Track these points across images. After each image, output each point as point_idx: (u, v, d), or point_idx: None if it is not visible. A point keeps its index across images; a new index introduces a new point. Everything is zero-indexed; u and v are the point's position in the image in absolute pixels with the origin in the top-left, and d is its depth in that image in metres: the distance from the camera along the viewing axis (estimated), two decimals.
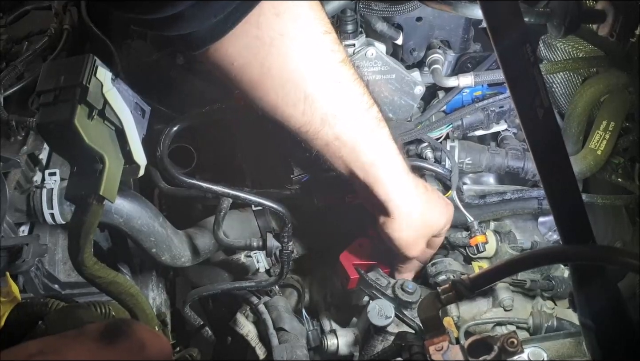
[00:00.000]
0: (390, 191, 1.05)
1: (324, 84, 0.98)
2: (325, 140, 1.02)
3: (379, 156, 1.04)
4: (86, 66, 0.75)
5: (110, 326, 0.50)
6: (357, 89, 1.01)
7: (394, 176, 1.05)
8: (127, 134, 0.78)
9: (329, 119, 1.00)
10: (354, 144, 1.02)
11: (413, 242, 1.11)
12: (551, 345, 1.05)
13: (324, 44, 0.97)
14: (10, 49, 1.42)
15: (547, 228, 1.36)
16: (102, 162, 0.75)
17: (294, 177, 1.19)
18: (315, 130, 1.01)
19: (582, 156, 1.21)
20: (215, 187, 1.12)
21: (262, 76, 0.96)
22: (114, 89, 0.77)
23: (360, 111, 1.02)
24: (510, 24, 0.74)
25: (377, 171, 1.04)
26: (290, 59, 0.95)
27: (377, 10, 1.25)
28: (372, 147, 1.03)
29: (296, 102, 0.98)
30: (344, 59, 0.99)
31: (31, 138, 1.21)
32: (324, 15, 0.98)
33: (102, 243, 1.31)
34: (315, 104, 0.98)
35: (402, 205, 1.06)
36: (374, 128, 1.03)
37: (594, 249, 0.77)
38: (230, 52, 0.93)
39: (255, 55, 0.94)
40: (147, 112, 0.83)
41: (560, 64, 1.25)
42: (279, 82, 0.97)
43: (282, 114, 1.00)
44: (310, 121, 1.00)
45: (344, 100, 1.00)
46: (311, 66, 0.97)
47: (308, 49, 0.96)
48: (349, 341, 1.16)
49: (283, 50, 0.94)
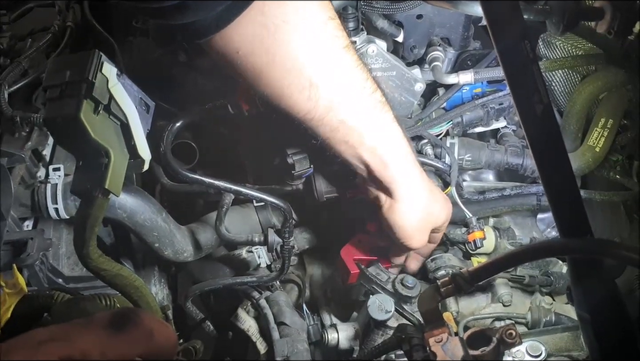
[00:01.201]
0: (396, 173, 1.06)
1: (328, 69, 0.99)
2: (330, 126, 1.02)
3: (385, 138, 1.05)
4: (92, 62, 0.76)
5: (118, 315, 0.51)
6: (360, 74, 1.02)
7: (400, 158, 1.06)
8: (132, 129, 0.79)
9: (334, 105, 1.00)
10: (359, 128, 1.03)
11: (416, 230, 1.11)
12: (549, 339, 1.06)
13: (328, 30, 0.98)
14: (14, 46, 1.43)
15: (545, 225, 1.37)
16: (108, 157, 0.75)
17: (295, 173, 1.20)
18: (321, 116, 1.01)
19: (580, 152, 1.22)
20: (218, 182, 1.13)
21: (267, 64, 0.96)
22: (119, 85, 0.78)
23: (364, 95, 1.02)
24: (510, 22, 0.74)
25: (383, 153, 1.05)
26: (294, 46, 0.96)
27: (378, 8, 1.26)
28: (378, 130, 1.04)
29: (301, 89, 0.98)
30: (347, 45, 1.00)
31: (35, 134, 1.22)
32: (327, 2, 0.98)
33: (105, 238, 1.32)
34: (319, 89, 0.99)
35: (408, 188, 1.07)
36: (379, 112, 1.04)
37: (594, 243, 0.78)
38: (235, 40, 0.94)
39: (260, 43, 0.94)
40: (151, 107, 0.84)
41: (559, 62, 1.26)
42: (284, 69, 0.97)
43: (288, 102, 1.01)
44: (316, 106, 1.00)
45: (348, 85, 1.01)
46: (315, 52, 0.98)
47: (312, 36, 0.97)
48: (350, 335, 1.17)
49: (287, 37, 0.95)
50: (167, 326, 0.54)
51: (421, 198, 1.09)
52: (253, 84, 1.01)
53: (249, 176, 1.34)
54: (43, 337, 0.49)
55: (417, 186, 1.08)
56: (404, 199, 1.07)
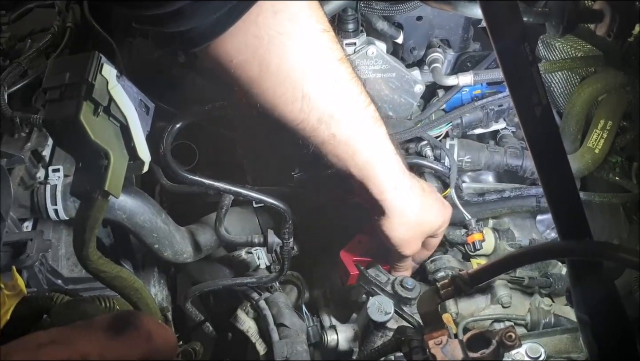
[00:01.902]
0: (385, 190, 1.06)
1: (321, 81, 0.99)
2: (321, 138, 1.02)
3: (375, 155, 1.05)
4: (92, 63, 0.76)
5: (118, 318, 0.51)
6: (354, 87, 1.01)
7: (389, 175, 1.06)
8: (131, 131, 0.79)
9: (326, 117, 1.00)
10: (350, 142, 1.03)
11: (407, 241, 1.12)
12: (549, 341, 1.06)
13: (322, 42, 0.97)
14: (14, 47, 1.43)
15: (545, 226, 1.37)
16: (107, 158, 0.75)
17: (294, 174, 1.20)
18: (312, 128, 1.01)
19: (580, 154, 1.22)
20: (217, 183, 1.13)
21: (261, 74, 0.96)
22: (119, 86, 0.78)
23: (357, 109, 1.02)
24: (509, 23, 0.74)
25: (372, 170, 1.05)
26: (288, 57, 0.96)
27: (378, 10, 1.26)
28: (368, 146, 1.04)
29: (294, 100, 0.98)
30: (342, 58, 1.00)
31: (35, 135, 1.21)
32: (322, 13, 0.98)
33: (104, 239, 1.32)
34: (312, 102, 0.99)
35: (396, 204, 1.07)
36: (371, 127, 1.04)
37: (593, 245, 0.78)
38: (229, 50, 0.94)
39: (254, 53, 0.94)
40: (151, 109, 0.84)
41: (558, 64, 1.26)
42: (277, 80, 0.97)
43: (280, 112, 1.00)
44: (308, 118, 1.00)
45: (341, 98, 1.01)
46: (309, 64, 0.97)
47: (306, 47, 0.96)
48: (349, 336, 1.17)
49: (281, 48, 0.94)
50: (166, 329, 0.54)
51: (412, 211, 1.09)
52: (247, 94, 1.01)
53: (249, 176, 1.34)
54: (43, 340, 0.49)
55: (406, 200, 1.08)
56: (394, 213, 1.08)
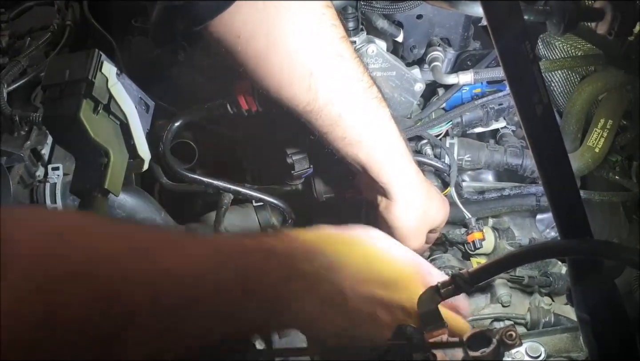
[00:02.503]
0: (392, 172, 1.06)
1: (327, 58, 0.99)
2: (329, 119, 1.02)
3: (381, 137, 1.05)
4: (92, 61, 0.76)
5: None
6: (357, 67, 1.02)
7: (396, 158, 1.06)
8: (131, 129, 0.79)
9: (333, 96, 1.00)
10: (357, 124, 1.03)
11: (414, 231, 1.10)
12: (549, 340, 1.06)
13: (326, 17, 0.98)
14: (13, 45, 1.42)
15: (545, 225, 1.37)
16: (107, 157, 0.76)
17: (294, 173, 1.20)
18: (320, 108, 1.01)
19: (580, 153, 1.22)
20: (217, 182, 1.13)
21: (268, 49, 0.96)
22: (119, 84, 0.78)
23: (361, 88, 1.02)
24: (510, 22, 0.74)
25: (379, 152, 1.05)
26: (294, 32, 0.96)
27: (378, 8, 1.25)
28: (375, 128, 1.04)
29: (301, 79, 0.98)
30: (344, 36, 1.00)
31: (34, 133, 1.21)
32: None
33: None
34: (319, 79, 0.98)
35: (404, 188, 1.07)
36: (375, 108, 1.04)
37: (593, 244, 0.78)
38: (235, 24, 0.94)
39: (260, 27, 0.94)
40: (151, 107, 0.84)
41: (558, 62, 1.26)
42: (284, 54, 0.97)
43: (288, 92, 1.00)
44: (315, 97, 1.00)
45: (346, 77, 1.01)
46: (315, 39, 0.98)
47: (311, 22, 0.97)
48: None
49: (287, 21, 0.95)
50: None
51: (417, 198, 1.08)
52: (254, 73, 1.00)
53: (248, 175, 1.34)
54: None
55: (413, 186, 1.08)
56: (400, 199, 1.07)
